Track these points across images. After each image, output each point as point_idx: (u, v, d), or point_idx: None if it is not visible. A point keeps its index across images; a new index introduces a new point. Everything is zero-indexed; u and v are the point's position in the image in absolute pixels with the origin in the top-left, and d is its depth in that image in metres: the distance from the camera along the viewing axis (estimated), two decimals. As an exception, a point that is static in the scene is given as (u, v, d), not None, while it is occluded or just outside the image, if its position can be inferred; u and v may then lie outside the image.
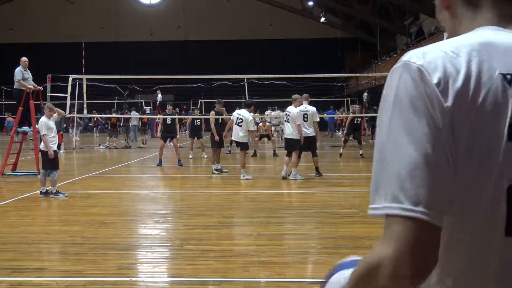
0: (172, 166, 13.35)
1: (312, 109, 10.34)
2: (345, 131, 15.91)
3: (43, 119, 8.45)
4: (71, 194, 8.59)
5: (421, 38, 23.78)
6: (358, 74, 30.75)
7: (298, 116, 9.99)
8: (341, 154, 14.85)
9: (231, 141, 10.60)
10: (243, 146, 10.60)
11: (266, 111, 20.15)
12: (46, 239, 5.61)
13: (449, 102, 0.79)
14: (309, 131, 10.13)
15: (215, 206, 7.56)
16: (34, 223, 6.50)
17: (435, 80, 0.79)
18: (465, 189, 0.80)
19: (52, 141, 8.30)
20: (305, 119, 10.12)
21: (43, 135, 8.25)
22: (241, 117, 10.48)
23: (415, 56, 0.83)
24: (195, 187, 9.90)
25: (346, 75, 30.71)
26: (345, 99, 34.21)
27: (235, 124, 10.51)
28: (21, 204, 7.84)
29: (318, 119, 10.70)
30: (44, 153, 8.38)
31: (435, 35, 21.19)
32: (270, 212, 6.82)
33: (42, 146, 8.41)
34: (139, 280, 4.30)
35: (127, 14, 41.02)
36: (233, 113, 10.81)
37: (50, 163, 8.29)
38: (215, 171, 11.30)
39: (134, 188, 9.89)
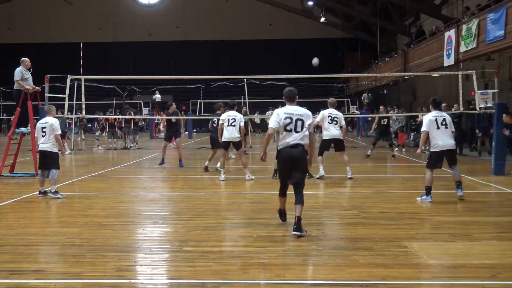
0: (172, 167, 13.31)
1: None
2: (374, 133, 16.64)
3: (56, 119, 8.66)
4: (69, 195, 8.55)
5: (422, 38, 23.69)
6: (358, 75, 30.66)
7: (270, 116, 9.98)
8: (368, 155, 15.31)
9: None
10: (239, 145, 10.67)
11: (267, 112, 20.06)
12: (44, 241, 5.57)
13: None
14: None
15: (215, 208, 7.53)
16: (32, 225, 6.45)
17: None
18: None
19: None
20: None
21: (59, 134, 8.47)
22: (233, 117, 10.49)
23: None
24: (194, 188, 9.86)
25: (346, 75, 30.56)
26: (345, 99, 34.19)
27: (229, 125, 10.45)
28: (19, 206, 7.80)
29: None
30: (43, 154, 8.39)
31: (436, 35, 21.14)
32: (270, 214, 6.77)
33: (44, 146, 8.41)
34: (138, 282, 4.27)
35: (126, 15, 40.98)
36: (222, 117, 10.67)
37: (52, 161, 8.35)
38: (219, 168, 11.22)
39: (133, 189, 9.84)
